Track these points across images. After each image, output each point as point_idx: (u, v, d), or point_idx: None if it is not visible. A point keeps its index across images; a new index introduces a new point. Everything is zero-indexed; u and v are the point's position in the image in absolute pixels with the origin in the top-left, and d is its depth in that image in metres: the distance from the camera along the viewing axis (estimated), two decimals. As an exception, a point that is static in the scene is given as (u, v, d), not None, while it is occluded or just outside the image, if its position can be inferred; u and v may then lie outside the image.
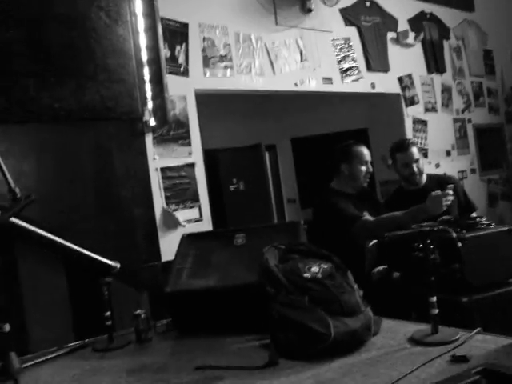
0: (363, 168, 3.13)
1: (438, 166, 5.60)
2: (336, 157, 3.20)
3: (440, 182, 3.16)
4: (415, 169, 3.17)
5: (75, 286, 2.95)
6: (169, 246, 3.29)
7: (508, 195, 6.59)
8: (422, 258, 1.70)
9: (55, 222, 2.96)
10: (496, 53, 6.63)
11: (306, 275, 1.66)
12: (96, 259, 2.86)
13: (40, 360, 1.88)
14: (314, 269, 1.68)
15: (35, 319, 2.79)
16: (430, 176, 3.31)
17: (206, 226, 3.76)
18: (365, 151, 3.18)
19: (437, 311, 1.63)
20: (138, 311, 1.98)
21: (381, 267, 2.81)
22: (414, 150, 3.20)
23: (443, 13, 6.00)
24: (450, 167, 5.72)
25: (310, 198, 4.39)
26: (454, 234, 2.25)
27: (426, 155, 5.49)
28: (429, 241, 1.68)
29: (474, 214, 3.18)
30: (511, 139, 6.84)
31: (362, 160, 3.14)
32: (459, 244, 2.20)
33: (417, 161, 3.18)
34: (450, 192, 2.74)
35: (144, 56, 3.48)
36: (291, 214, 6.86)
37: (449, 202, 2.73)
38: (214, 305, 1.94)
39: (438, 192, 2.72)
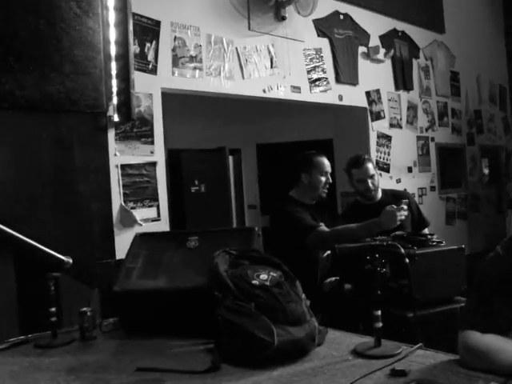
0: (323, 178, 3.15)
1: (399, 181, 5.70)
2: (296, 166, 3.21)
3: (395, 197, 3.21)
4: (370, 184, 3.20)
5: (24, 278, 2.89)
6: (124, 244, 3.22)
7: (464, 214, 6.76)
8: (370, 272, 1.72)
9: (8, 212, 2.90)
10: (462, 75, 6.80)
11: (255, 282, 1.66)
12: (48, 253, 2.82)
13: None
14: (263, 276, 1.69)
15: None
16: (385, 191, 3.36)
17: (164, 225, 3.73)
18: (325, 162, 3.21)
19: (380, 325, 1.64)
20: (84, 308, 1.95)
21: (333, 278, 2.83)
22: (370, 165, 3.23)
23: (415, 32, 6.13)
24: (410, 183, 5.83)
25: (270, 204, 4.41)
26: (402, 250, 2.29)
27: (388, 170, 5.58)
28: (377, 255, 1.71)
29: (426, 230, 3.25)
30: (471, 160, 7.02)
31: (322, 170, 3.16)
32: (407, 260, 2.23)
33: (372, 176, 3.21)
34: (405, 207, 2.78)
35: (112, 50, 3.45)
36: (251, 220, 6.87)
37: (403, 217, 2.77)
38: (162, 306, 1.92)
39: (393, 207, 2.76)
